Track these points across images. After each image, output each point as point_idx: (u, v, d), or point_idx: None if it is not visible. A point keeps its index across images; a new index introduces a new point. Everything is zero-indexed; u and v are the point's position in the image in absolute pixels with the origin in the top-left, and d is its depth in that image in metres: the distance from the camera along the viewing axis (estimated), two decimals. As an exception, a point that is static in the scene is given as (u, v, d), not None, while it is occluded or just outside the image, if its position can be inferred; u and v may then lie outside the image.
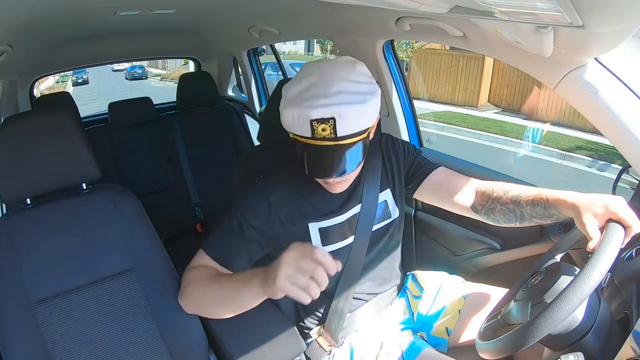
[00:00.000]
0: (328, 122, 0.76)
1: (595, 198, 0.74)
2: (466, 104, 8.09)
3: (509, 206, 0.90)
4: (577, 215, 0.75)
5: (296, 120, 0.78)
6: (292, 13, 1.53)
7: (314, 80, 0.80)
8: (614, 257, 0.63)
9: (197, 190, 2.25)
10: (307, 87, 0.79)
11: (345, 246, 0.98)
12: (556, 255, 0.84)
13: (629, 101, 0.83)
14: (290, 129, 0.82)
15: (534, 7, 0.56)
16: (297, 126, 0.79)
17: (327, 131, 0.77)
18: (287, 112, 0.79)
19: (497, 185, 0.96)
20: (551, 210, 0.83)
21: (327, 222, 0.96)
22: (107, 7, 1.25)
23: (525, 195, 0.88)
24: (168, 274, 1.03)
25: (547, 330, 0.62)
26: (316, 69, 0.83)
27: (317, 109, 0.76)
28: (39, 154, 0.94)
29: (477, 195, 0.98)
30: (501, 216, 0.93)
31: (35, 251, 0.94)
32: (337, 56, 0.89)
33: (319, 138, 0.78)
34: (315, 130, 0.77)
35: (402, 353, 0.97)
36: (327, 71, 0.81)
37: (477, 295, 1.08)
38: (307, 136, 0.79)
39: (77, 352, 0.93)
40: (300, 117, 0.77)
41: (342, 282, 1.00)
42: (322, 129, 0.77)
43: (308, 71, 0.83)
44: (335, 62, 0.85)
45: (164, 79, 14.29)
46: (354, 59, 0.87)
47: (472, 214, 0.99)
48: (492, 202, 0.94)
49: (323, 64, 0.85)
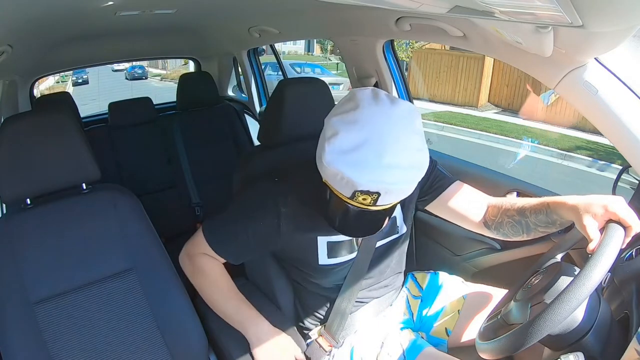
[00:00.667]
0: (372, 195, 0.71)
1: (594, 199, 0.74)
2: (466, 104, 8.10)
3: (515, 218, 0.90)
4: (577, 218, 0.75)
5: (339, 181, 0.72)
6: (292, 13, 1.53)
7: (366, 137, 0.70)
8: (613, 258, 0.63)
9: (197, 190, 2.25)
10: (358, 146, 0.70)
11: (349, 260, 0.98)
12: (556, 255, 0.84)
13: (629, 101, 0.82)
14: (329, 180, 0.76)
15: (534, 7, 0.56)
16: (338, 185, 0.73)
17: (367, 200, 0.73)
18: (331, 168, 0.72)
19: (505, 200, 0.96)
20: (553, 215, 0.83)
21: (337, 237, 0.95)
22: (107, 7, 1.25)
23: (529, 205, 0.88)
24: (168, 274, 1.03)
25: (546, 331, 0.62)
26: (370, 116, 0.72)
27: (365, 182, 0.70)
28: (39, 154, 0.94)
29: (488, 210, 0.97)
30: (509, 229, 0.93)
31: (35, 251, 0.94)
32: (393, 99, 0.75)
33: (357, 202, 0.74)
34: (355, 197, 0.73)
35: (404, 351, 0.97)
36: (383, 126, 0.72)
37: (477, 295, 1.08)
38: (345, 195, 0.74)
39: (77, 352, 0.93)
40: (344, 181, 0.71)
41: (345, 285, 1.00)
42: (362, 199, 0.72)
43: (355, 116, 0.73)
44: (393, 112, 0.74)
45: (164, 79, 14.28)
46: (411, 106, 0.78)
47: (483, 229, 0.98)
48: (500, 216, 0.94)
49: (379, 109, 0.73)
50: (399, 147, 0.71)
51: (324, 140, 0.75)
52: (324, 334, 1.03)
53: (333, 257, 0.96)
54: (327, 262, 0.96)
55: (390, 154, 0.70)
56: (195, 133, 2.28)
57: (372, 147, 0.70)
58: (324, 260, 0.95)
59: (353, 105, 0.75)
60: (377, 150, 0.70)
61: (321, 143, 0.76)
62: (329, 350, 1.02)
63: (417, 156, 0.74)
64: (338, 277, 0.99)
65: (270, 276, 1.04)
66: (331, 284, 1.00)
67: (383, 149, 0.70)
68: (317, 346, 1.03)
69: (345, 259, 0.97)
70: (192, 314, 1.03)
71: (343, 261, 0.97)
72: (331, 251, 0.95)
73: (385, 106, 0.74)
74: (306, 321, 1.06)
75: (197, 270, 0.99)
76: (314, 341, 1.04)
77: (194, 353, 1.01)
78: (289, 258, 1.00)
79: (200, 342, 1.02)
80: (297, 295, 1.07)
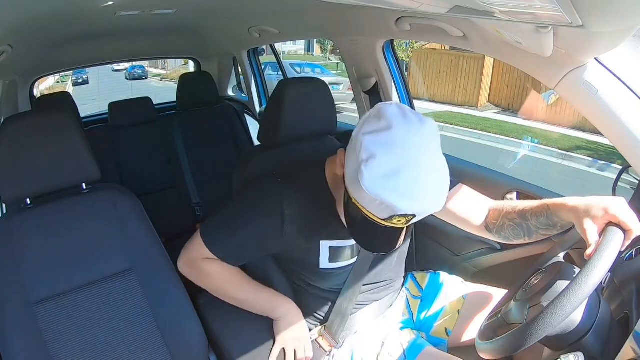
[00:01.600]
0: (408, 217, 0.74)
1: (594, 201, 0.73)
2: (466, 104, 8.10)
3: (516, 221, 0.90)
4: (577, 220, 0.74)
5: (377, 205, 0.73)
6: (292, 13, 1.53)
7: (404, 161, 0.72)
8: (611, 263, 0.63)
9: (197, 190, 2.25)
10: (397, 171, 0.71)
11: (349, 264, 0.98)
12: (556, 255, 0.84)
13: (629, 101, 0.82)
14: (362, 203, 0.75)
15: (534, 7, 0.56)
16: (374, 208, 0.74)
17: (401, 222, 0.75)
18: (370, 194, 0.71)
19: (506, 203, 0.95)
20: (554, 218, 0.82)
21: (339, 243, 0.95)
22: (107, 7, 1.25)
23: (530, 207, 0.87)
24: (168, 274, 1.03)
25: (543, 333, 0.62)
26: (404, 136, 0.74)
27: (405, 207, 0.71)
28: (39, 154, 0.94)
29: (489, 214, 0.96)
30: (510, 232, 0.92)
31: (35, 251, 0.94)
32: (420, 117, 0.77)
33: (390, 223, 0.75)
34: (392, 219, 0.74)
35: (404, 351, 0.97)
36: (418, 148, 0.73)
37: (477, 295, 1.08)
38: (379, 217, 0.75)
39: (77, 352, 0.93)
40: (384, 206, 0.72)
41: (345, 287, 1.00)
42: (398, 220, 0.74)
43: (394, 137, 0.73)
44: (424, 132, 0.76)
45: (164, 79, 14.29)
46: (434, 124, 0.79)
47: (485, 233, 0.98)
48: (502, 219, 0.93)
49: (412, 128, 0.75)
50: (433, 169, 0.74)
51: (358, 162, 0.73)
52: (324, 334, 1.03)
53: (334, 261, 0.96)
54: (328, 266, 0.96)
55: (428, 179, 0.73)
56: (195, 133, 2.28)
57: (411, 171, 0.72)
58: (325, 264, 0.95)
59: (385, 125, 0.75)
60: (416, 175, 0.72)
61: (354, 164, 0.75)
62: (329, 351, 1.02)
63: (446, 177, 0.77)
64: (338, 280, 0.99)
65: (270, 276, 1.04)
66: (331, 287, 1.00)
67: (422, 174, 0.72)
68: (317, 346, 1.03)
69: (345, 263, 0.97)
70: (192, 314, 1.03)
71: (343, 265, 0.97)
72: (333, 256, 0.95)
73: (416, 125, 0.76)
74: (306, 321, 1.05)
75: (202, 274, 0.97)
76: (314, 341, 1.04)
77: (194, 353, 1.01)
78: (289, 260, 1.00)
79: (200, 342, 1.02)
80: (297, 295, 1.07)
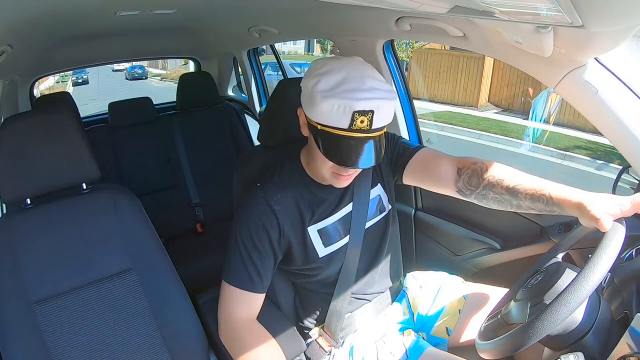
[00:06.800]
0: (367, 115, 0.80)
1: (600, 195, 0.73)
2: (466, 104, 8.10)
3: (504, 196, 0.88)
4: (583, 213, 0.72)
5: (335, 111, 0.80)
6: (292, 13, 1.53)
7: (345, 76, 0.82)
8: (613, 259, 0.63)
9: (197, 190, 2.25)
10: (341, 82, 0.81)
11: (343, 246, 0.99)
12: (556, 255, 0.84)
13: (629, 101, 0.82)
14: (325, 120, 0.82)
15: (534, 7, 0.56)
16: (336, 117, 0.80)
17: (364, 123, 0.80)
18: (325, 104, 0.80)
19: (490, 170, 0.92)
20: (554, 207, 0.81)
21: (324, 223, 0.97)
22: (107, 7, 1.25)
23: (524, 189, 0.85)
24: (168, 274, 1.03)
25: (545, 331, 0.62)
26: (339, 65, 0.84)
27: (360, 101, 0.78)
28: (39, 154, 0.94)
29: (462, 177, 0.94)
30: (494, 203, 0.91)
31: (35, 251, 0.94)
32: (345, 57, 0.90)
33: (355, 130, 0.81)
34: (354, 122, 0.80)
35: (406, 351, 0.97)
36: (354, 68, 0.84)
37: (477, 295, 1.08)
38: (343, 127, 0.81)
39: (77, 352, 0.93)
40: (342, 108, 0.79)
41: (340, 281, 1.00)
42: (360, 121, 0.80)
43: (330, 67, 0.84)
44: (353, 60, 0.87)
45: (164, 79, 14.29)
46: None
47: (460, 196, 0.96)
48: (483, 188, 0.91)
49: (343, 62, 0.85)
50: (374, 79, 0.83)
51: (310, 89, 0.83)
52: (324, 334, 1.03)
53: (329, 244, 0.97)
54: (326, 251, 0.97)
55: (369, 81, 0.82)
56: (195, 133, 2.28)
57: (353, 79, 0.81)
58: (322, 251, 0.96)
59: (321, 65, 0.86)
60: (358, 80, 0.81)
61: (307, 93, 0.85)
62: (329, 350, 1.02)
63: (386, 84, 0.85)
64: (337, 267, 0.99)
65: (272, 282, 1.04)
66: (331, 276, 1.00)
67: (363, 79, 0.82)
68: (317, 346, 1.03)
69: (339, 245, 0.98)
70: (192, 314, 1.03)
71: (338, 247, 0.98)
72: (324, 238, 0.97)
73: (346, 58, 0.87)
74: (306, 321, 1.06)
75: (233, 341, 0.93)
76: (314, 341, 1.04)
77: (194, 353, 1.02)
78: (293, 265, 0.99)
79: (200, 342, 1.02)
80: (297, 295, 1.07)
